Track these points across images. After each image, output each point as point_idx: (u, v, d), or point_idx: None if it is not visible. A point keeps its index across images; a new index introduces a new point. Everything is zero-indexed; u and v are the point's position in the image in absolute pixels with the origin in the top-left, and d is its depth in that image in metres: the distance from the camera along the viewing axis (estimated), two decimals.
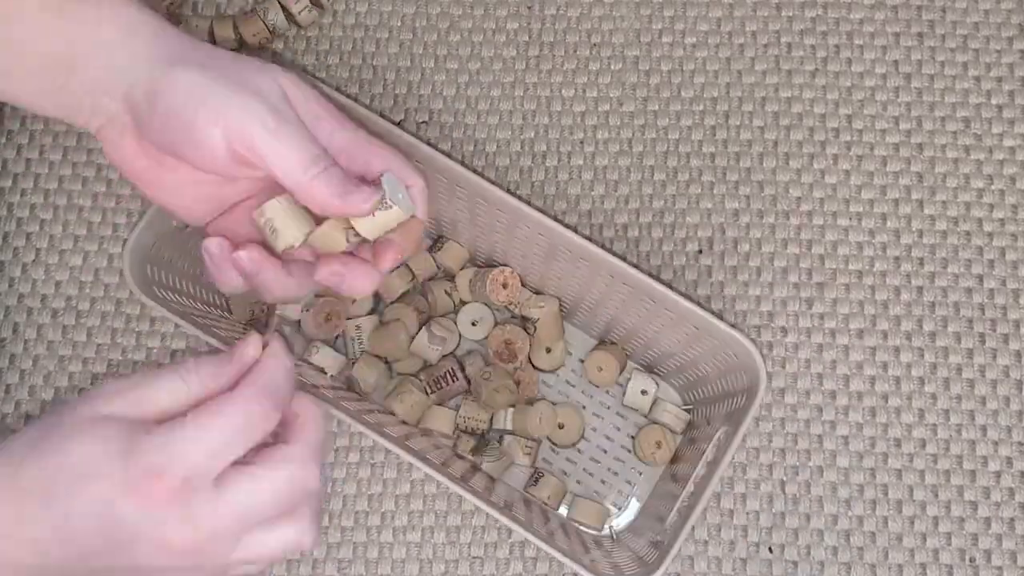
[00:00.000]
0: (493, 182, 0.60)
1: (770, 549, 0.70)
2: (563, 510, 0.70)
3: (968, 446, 0.71)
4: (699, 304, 0.60)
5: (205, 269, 0.51)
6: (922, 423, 0.72)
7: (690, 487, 0.61)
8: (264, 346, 0.47)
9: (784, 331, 0.73)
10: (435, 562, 0.69)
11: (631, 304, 0.64)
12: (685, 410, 0.71)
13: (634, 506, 0.70)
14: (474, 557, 0.69)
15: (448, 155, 0.61)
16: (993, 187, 0.76)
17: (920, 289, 0.74)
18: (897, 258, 0.75)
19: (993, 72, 0.78)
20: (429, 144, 0.60)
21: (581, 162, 0.76)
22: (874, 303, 0.74)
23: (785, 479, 0.71)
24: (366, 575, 0.69)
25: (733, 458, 0.65)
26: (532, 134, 0.77)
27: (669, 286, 0.60)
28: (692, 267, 0.74)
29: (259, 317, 0.68)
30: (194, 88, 0.46)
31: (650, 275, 0.60)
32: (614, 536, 0.69)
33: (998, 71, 0.78)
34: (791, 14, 0.79)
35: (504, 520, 0.57)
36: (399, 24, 0.79)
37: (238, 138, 0.45)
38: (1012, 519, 0.70)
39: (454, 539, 0.70)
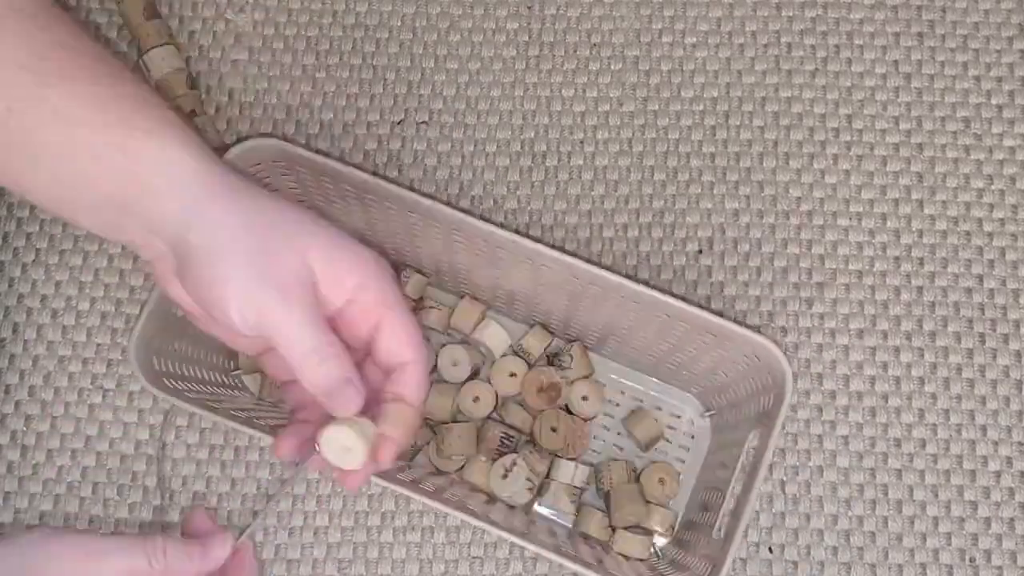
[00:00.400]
0: (502, 225, 0.61)
1: (770, 549, 0.70)
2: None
3: (968, 446, 0.71)
4: (715, 312, 0.60)
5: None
6: (922, 423, 0.72)
7: (730, 502, 0.60)
8: (233, 549, 0.48)
9: (784, 331, 0.73)
10: (435, 562, 0.69)
11: (644, 321, 0.64)
12: (708, 415, 0.71)
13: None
14: (474, 557, 0.69)
15: (468, 211, 0.61)
16: (993, 187, 0.76)
17: (920, 289, 0.74)
18: (897, 258, 0.75)
19: (993, 72, 0.78)
20: (449, 205, 0.61)
21: (581, 162, 0.76)
22: (874, 303, 0.74)
23: (785, 479, 0.71)
24: (366, 575, 0.69)
25: (771, 464, 0.66)
26: (532, 134, 0.77)
27: (684, 298, 0.60)
28: (692, 267, 0.74)
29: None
30: (218, 264, 0.46)
31: (662, 290, 0.60)
32: (658, 554, 0.69)
33: (998, 71, 0.78)
34: (791, 14, 0.79)
35: (555, 557, 0.58)
36: (399, 24, 0.79)
37: (251, 318, 0.46)
38: (1012, 519, 0.70)
39: (454, 539, 0.70)
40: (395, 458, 0.50)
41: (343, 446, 0.48)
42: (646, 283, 0.61)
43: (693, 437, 0.72)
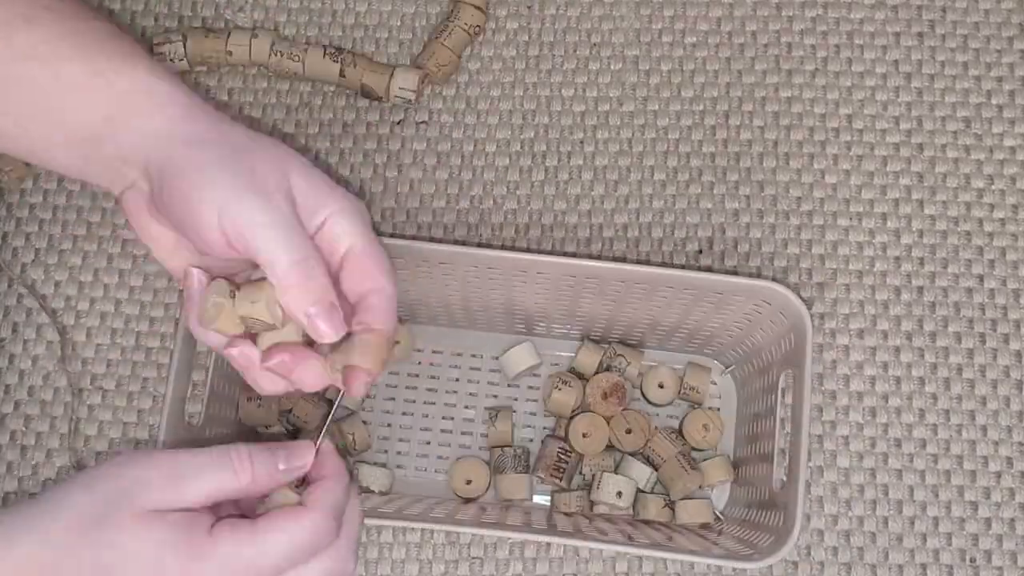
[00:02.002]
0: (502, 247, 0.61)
1: None
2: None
3: (968, 446, 0.71)
4: (715, 270, 0.61)
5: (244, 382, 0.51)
6: (922, 423, 0.72)
7: (782, 442, 0.62)
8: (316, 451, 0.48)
9: None
10: (435, 562, 0.69)
11: (646, 298, 0.65)
12: (728, 372, 0.72)
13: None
14: (474, 558, 0.69)
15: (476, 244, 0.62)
16: (994, 187, 0.76)
17: (920, 289, 0.74)
18: (897, 258, 0.75)
19: (993, 72, 0.78)
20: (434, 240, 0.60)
21: (581, 162, 0.76)
22: (874, 303, 0.74)
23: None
24: (366, 575, 0.69)
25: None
26: (532, 134, 0.77)
27: (683, 266, 0.60)
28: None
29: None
30: (199, 174, 0.46)
31: (657, 264, 0.61)
32: (720, 516, 0.70)
33: (998, 71, 0.78)
34: (791, 14, 0.79)
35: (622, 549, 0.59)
36: (399, 24, 0.79)
37: (232, 229, 0.46)
38: (1012, 519, 0.70)
39: (454, 539, 0.69)
40: (367, 389, 0.49)
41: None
42: (639, 262, 0.61)
43: (720, 397, 0.73)
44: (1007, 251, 0.75)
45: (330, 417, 0.51)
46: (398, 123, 0.77)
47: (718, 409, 0.72)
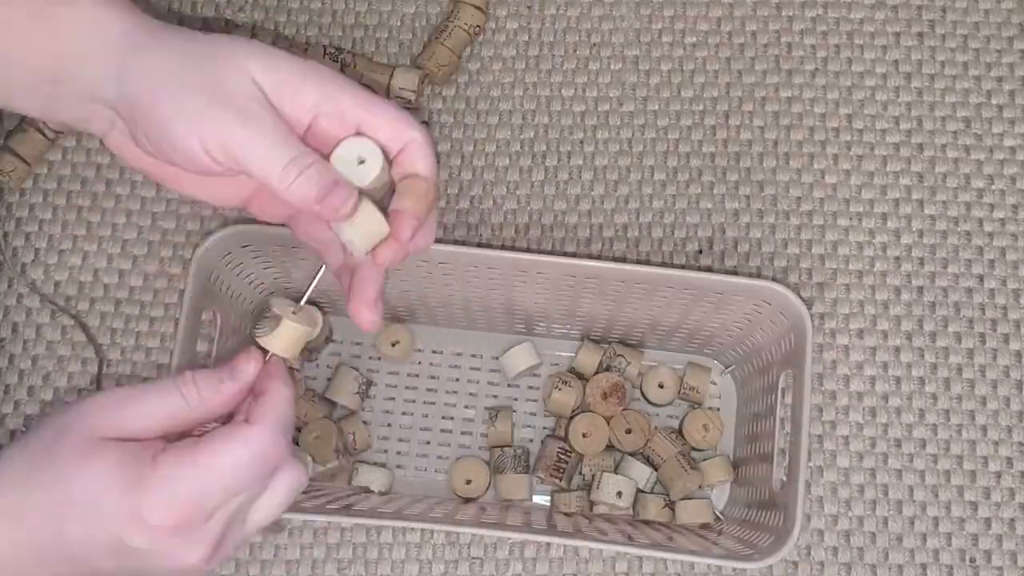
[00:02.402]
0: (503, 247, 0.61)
1: None
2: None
3: (968, 446, 0.71)
4: (716, 270, 0.61)
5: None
6: (922, 423, 0.72)
7: (781, 447, 0.62)
8: (264, 361, 0.46)
9: None
10: (435, 562, 0.69)
11: (647, 298, 0.65)
12: (728, 371, 0.72)
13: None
14: (474, 558, 0.69)
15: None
16: (994, 187, 0.76)
17: (920, 289, 0.74)
18: (897, 258, 0.75)
19: (993, 72, 0.78)
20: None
21: (581, 162, 0.76)
22: (874, 303, 0.74)
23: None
24: (365, 575, 0.69)
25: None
26: (532, 134, 0.77)
27: (681, 266, 0.61)
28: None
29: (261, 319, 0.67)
30: (168, 105, 0.45)
31: (658, 264, 0.61)
32: (720, 516, 0.70)
33: (998, 71, 0.78)
34: (791, 14, 0.79)
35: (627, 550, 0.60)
36: (399, 24, 0.79)
37: (216, 148, 0.45)
38: (1012, 519, 0.70)
39: (454, 540, 0.69)
40: (416, 235, 0.47)
41: (357, 158, 0.46)
42: (639, 262, 0.61)
43: (720, 397, 0.73)
44: (1007, 251, 0.75)
45: (305, 295, 0.48)
46: None
47: (718, 409, 0.72)
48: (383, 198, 0.48)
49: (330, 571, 0.69)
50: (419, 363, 0.73)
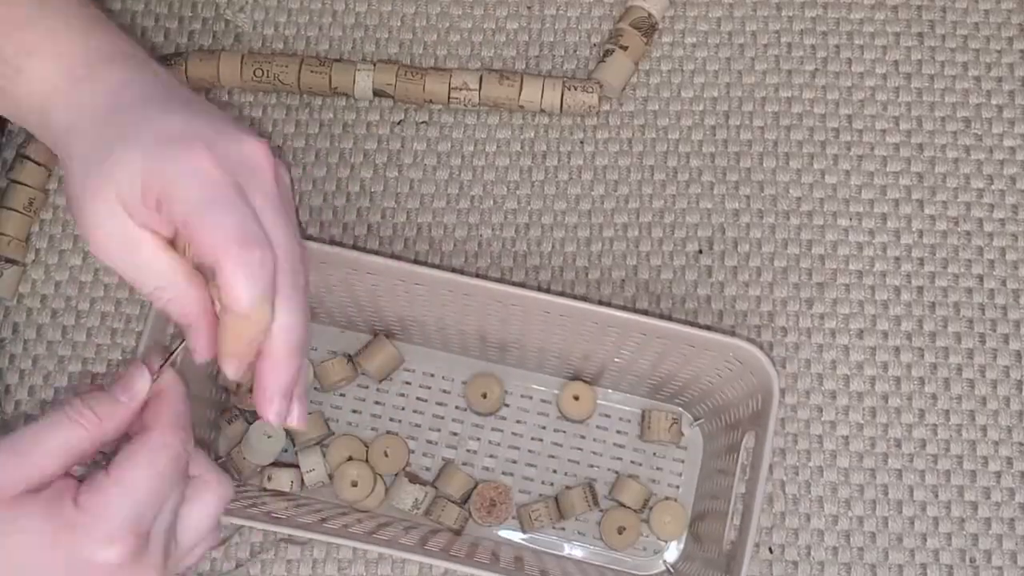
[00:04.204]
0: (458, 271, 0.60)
1: (770, 549, 0.70)
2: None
3: (968, 446, 0.71)
4: (690, 323, 0.60)
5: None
6: (922, 423, 0.72)
7: (737, 504, 0.60)
8: (154, 376, 0.45)
9: (784, 331, 0.73)
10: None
11: (621, 342, 0.64)
12: (696, 424, 0.71)
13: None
14: None
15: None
16: (993, 187, 0.76)
17: (920, 289, 0.74)
18: (897, 258, 0.75)
19: (993, 72, 0.78)
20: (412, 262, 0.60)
21: (581, 162, 0.76)
22: (874, 303, 0.74)
23: (785, 479, 0.71)
24: (365, 575, 0.69)
25: (771, 464, 0.67)
26: (532, 134, 0.77)
27: (659, 315, 0.60)
28: (692, 267, 0.74)
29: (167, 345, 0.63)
30: (73, 166, 0.45)
31: (634, 310, 0.60)
32: (671, 570, 0.69)
33: (998, 71, 0.78)
34: (791, 14, 0.79)
35: None
36: (399, 24, 0.79)
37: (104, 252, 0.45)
38: (1012, 519, 0.70)
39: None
40: (238, 371, 0.45)
41: None
42: (619, 306, 0.60)
43: (686, 448, 0.71)
44: (1007, 251, 0.75)
45: (175, 352, 0.47)
46: (398, 123, 0.77)
47: (680, 475, 0.71)
48: None
49: (330, 571, 0.69)
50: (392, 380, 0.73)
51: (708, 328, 0.61)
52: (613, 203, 0.75)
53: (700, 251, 0.75)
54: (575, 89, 0.74)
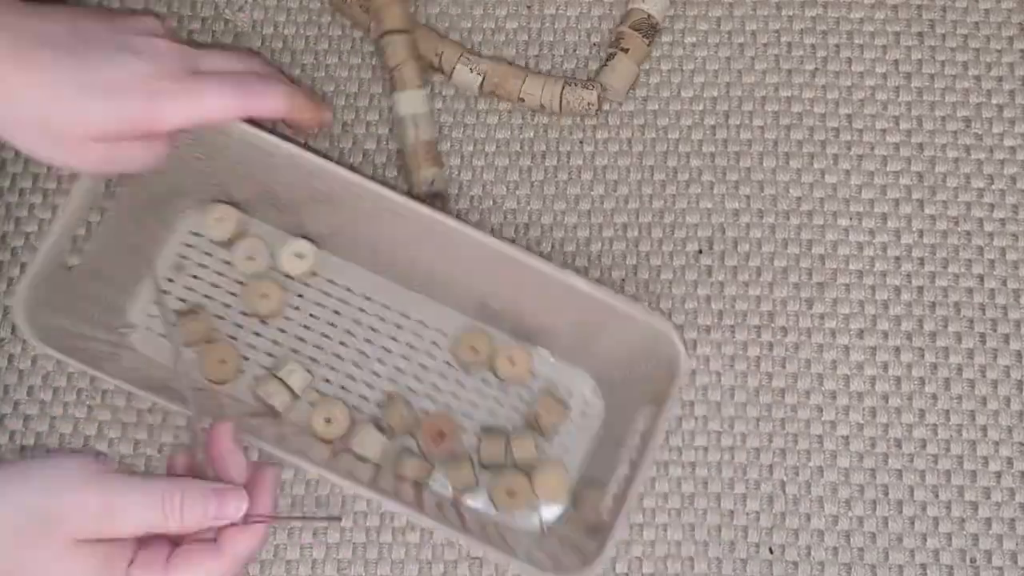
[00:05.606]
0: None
1: (770, 550, 0.70)
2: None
3: (969, 446, 0.71)
4: (614, 290, 0.62)
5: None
6: (923, 423, 0.72)
7: (615, 484, 0.62)
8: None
9: (784, 331, 0.73)
10: (434, 563, 0.69)
11: (539, 294, 0.65)
12: (601, 394, 0.71)
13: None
14: (473, 558, 0.69)
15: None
16: (994, 187, 0.76)
17: (921, 289, 0.74)
18: (898, 258, 0.75)
19: (994, 71, 0.78)
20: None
21: (580, 162, 0.76)
22: (874, 303, 0.74)
23: (786, 479, 0.71)
24: (365, 575, 0.69)
25: (667, 440, 0.69)
26: (531, 134, 0.77)
27: (585, 275, 0.61)
28: (692, 267, 0.74)
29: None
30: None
31: (563, 266, 0.62)
32: (544, 530, 0.69)
33: (999, 70, 0.78)
34: (791, 13, 0.79)
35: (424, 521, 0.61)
36: None
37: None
38: (1013, 519, 0.70)
39: (453, 540, 0.69)
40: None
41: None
42: (541, 255, 0.61)
43: (585, 415, 0.72)
44: (1007, 251, 0.75)
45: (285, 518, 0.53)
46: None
47: (572, 436, 0.71)
48: None
49: (330, 571, 0.69)
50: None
51: (623, 295, 0.64)
52: (613, 203, 0.75)
53: (700, 251, 0.75)
54: (575, 85, 0.74)
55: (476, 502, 0.70)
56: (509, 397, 0.72)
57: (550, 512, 0.69)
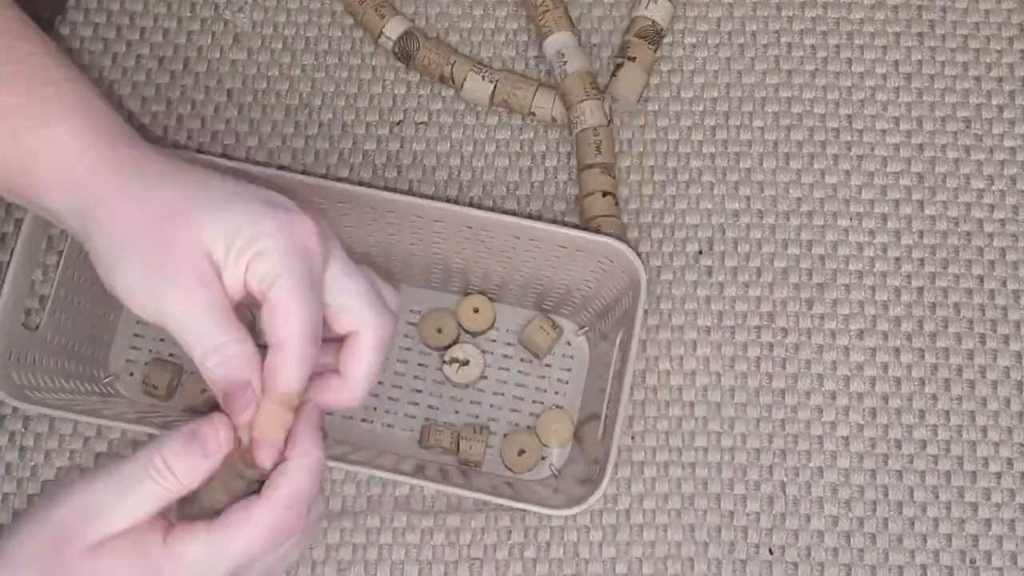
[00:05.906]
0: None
1: (770, 550, 0.70)
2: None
3: (969, 447, 0.71)
4: (560, 223, 0.65)
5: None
6: (923, 424, 0.72)
7: (609, 403, 0.63)
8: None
9: (784, 332, 0.73)
10: (434, 563, 0.69)
11: (496, 250, 0.66)
12: (581, 333, 0.73)
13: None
14: (473, 559, 0.69)
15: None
16: (994, 188, 0.76)
17: (920, 290, 0.74)
18: (898, 259, 0.75)
19: (994, 72, 0.78)
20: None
21: None
22: (874, 304, 0.74)
23: (786, 480, 0.71)
24: (365, 575, 0.69)
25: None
26: (531, 134, 0.77)
27: (528, 216, 0.63)
28: (692, 268, 0.74)
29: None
30: (111, 256, 0.45)
31: (503, 211, 0.65)
32: (555, 473, 0.70)
33: (999, 71, 0.78)
34: (791, 14, 0.79)
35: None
36: None
37: (150, 313, 0.44)
38: (1013, 520, 0.70)
39: (453, 540, 0.69)
40: (273, 458, 0.45)
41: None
42: (487, 208, 0.63)
43: (572, 357, 0.73)
44: (1007, 252, 0.75)
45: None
46: (397, 124, 0.77)
47: (566, 382, 0.72)
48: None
49: (330, 572, 0.69)
50: None
51: (575, 227, 0.66)
52: None
53: (700, 252, 0.75)
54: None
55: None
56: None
57: (559, 458, 0.71)
